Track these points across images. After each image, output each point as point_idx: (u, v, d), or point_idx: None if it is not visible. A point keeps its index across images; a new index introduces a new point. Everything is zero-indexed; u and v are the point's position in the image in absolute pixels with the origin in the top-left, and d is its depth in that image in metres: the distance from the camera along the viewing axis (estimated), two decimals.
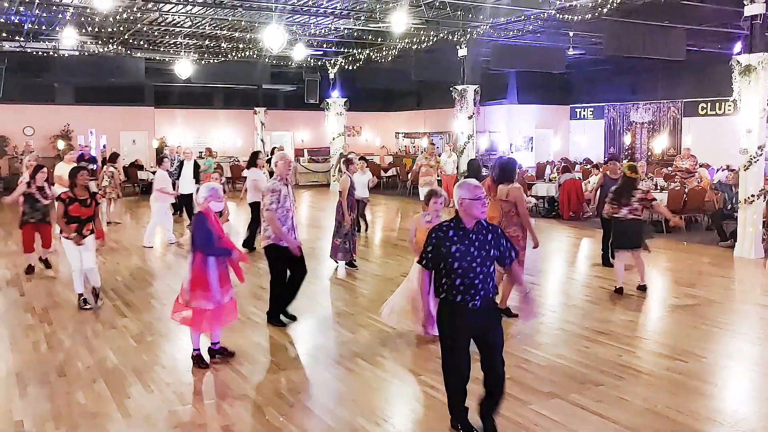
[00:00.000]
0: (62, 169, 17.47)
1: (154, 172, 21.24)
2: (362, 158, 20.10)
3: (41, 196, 13.77)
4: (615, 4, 17.10)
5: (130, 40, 25.68)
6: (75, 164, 17.18)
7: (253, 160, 16.72)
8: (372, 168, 31.04)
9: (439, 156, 26.07)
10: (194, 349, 8.64)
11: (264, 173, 16.67)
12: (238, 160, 33.03)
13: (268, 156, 22.81)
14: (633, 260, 12.44)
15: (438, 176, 24.40)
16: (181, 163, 19.69)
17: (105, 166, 21.68)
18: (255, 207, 15.83)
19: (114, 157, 21.28)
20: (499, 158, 12.41)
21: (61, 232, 11.24)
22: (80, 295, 11.50)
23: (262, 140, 35.90)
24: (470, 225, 6.31)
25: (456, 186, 6.48)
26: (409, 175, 26.46)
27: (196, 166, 20.07)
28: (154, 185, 17.59)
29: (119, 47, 26.42)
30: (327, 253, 14.94)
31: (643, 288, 12.45)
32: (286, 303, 10.64)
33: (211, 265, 8.37)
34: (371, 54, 27.62)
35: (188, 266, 8.47)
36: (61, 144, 31.58)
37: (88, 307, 11.42)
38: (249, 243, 16.43)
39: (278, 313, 10.62)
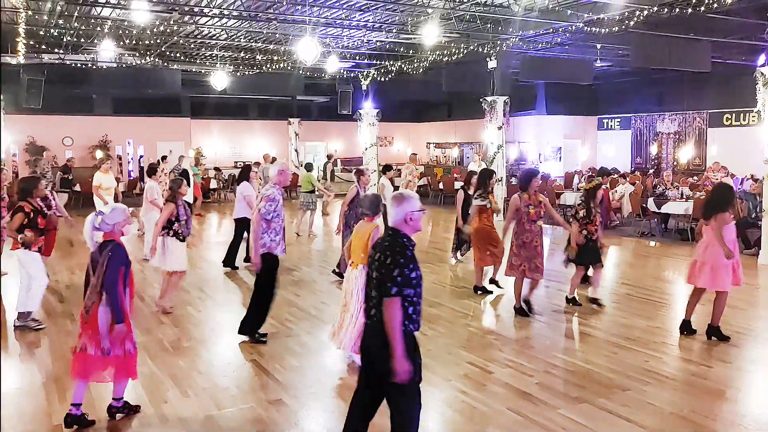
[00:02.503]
0: (100, 179, 17.83)
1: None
2: (388, 167, 19.07)
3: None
4: (642, 17, 17.21)
5: (167, 53, 26.02)
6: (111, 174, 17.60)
7: (246, 174, 16.04)
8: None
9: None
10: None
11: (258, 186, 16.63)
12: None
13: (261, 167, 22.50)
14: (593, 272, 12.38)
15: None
16: (184, 172, 20.01)
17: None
18: (240, 223, 15.42)
19: (152, 170, 21.68)
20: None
21: (24, 244, 10.61)
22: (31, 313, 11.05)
23: (296, 150, 36.18)
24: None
25: (398, 199, 5.70)
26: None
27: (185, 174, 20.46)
28: (147, 196, 16.64)
29: (156, 59, 26.78)
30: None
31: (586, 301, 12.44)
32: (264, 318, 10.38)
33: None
34: (403, 66, 27.78)
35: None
36: (99, 154, 32.02)
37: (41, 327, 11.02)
38: (230, 261, 15.73)
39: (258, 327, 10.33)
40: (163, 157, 24.90)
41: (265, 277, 10.09)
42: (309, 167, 21.38)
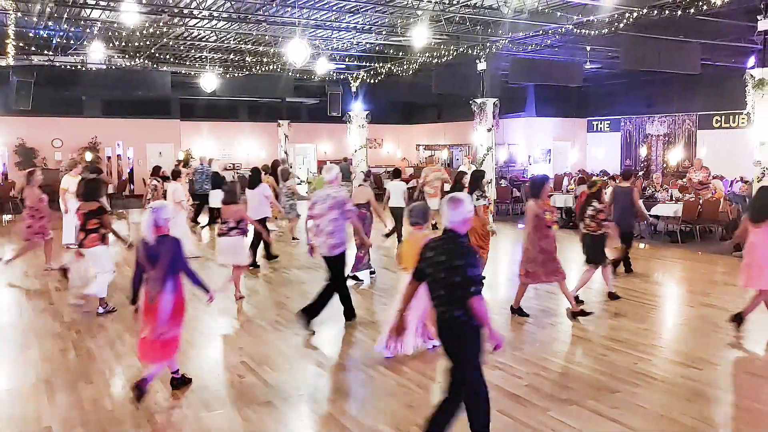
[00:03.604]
0: (68, 182, 17.79)
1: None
2: (396, 170, 19.78)
3: None
4: (631, 19, 17.27)
5: (157, 54, 26.03)
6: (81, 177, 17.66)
7: (259, 177, 16.27)
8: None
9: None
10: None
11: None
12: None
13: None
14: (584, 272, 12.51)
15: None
16: (215, 174, 20.21)
17: (149, 179, 22.13)
18: (259, 223, 15.15)
19: (156, 170, 21.74)
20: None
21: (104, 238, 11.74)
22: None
23: (285, 152, 36.19)
24: None
25: (456, 202, 6.12)
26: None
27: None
28: (173, 198, 16.90)
29: (146, 61, 26.77)
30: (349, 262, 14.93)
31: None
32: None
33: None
34: (392, 68, 27.85)
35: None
36: (89, 156, 31.98)
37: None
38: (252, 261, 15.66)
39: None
40: (186, 163, 25.16)
41: (342, 273, 11.00)
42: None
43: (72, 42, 23.16)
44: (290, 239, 19.80)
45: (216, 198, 19.90)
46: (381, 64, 28.32)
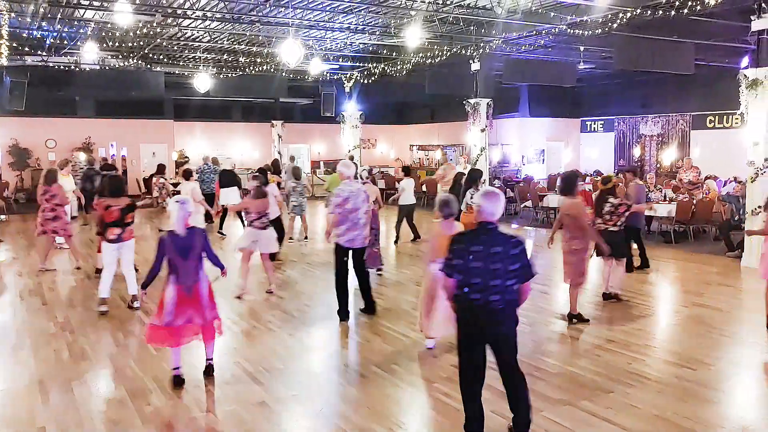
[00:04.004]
0: (61, 181, 17.77)
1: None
2: (405, 168, 20.93)
3: None
4: (625, 20, 17.28)
5: (150, 55, 25.98)
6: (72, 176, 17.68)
7: (266, 177, 15.81)
8: (387, 179, 31.40)
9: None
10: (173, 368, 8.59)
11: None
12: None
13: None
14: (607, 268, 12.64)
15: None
16: (229, 172, 20.70)
17: (155, 178, 22.16)
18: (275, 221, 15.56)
19: (162, 169, 21.73)
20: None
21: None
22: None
23: (279, 152, 36.20)
24: None
25: (497, 196, 6.53)
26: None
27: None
28: (194, 197, 16.91)
29: (139, 61, 26.72)
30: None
31: (607, 297, 12.71)
32: None
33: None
34: (386, 68, 27.83)
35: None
36: (82, 156, 31.93)
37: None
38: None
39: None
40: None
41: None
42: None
43: (65, 42, 23.12)
44: (287, 239, 19.78)
45: (229, 196, 20.10)
46: (374, 65, 28.32)
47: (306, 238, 20.05)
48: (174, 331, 8.20)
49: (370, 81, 30.77)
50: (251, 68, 27.93)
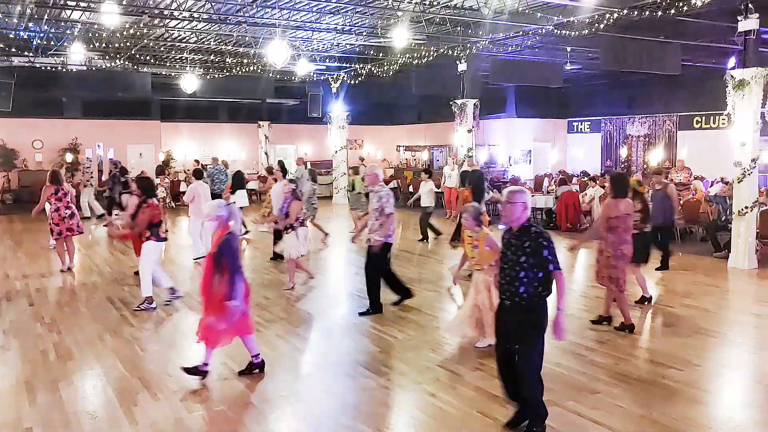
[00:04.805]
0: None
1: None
2: (426, 170, 21.45)
3: None
4: (611, 20, 17.30)
5: (137, 56, 25.93)
6: None
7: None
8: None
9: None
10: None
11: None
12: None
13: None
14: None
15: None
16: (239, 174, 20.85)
17: (159, 179, 22.12)
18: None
19: (161, 170, 21.70)
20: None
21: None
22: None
23: (266, 153, 36.15)
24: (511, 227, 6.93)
25: (524, 193, 6.90)
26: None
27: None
28: (203, 197, 16.94)
29: (126, 62, 26.63)
30: (334, 263, 15.05)
31: (642, 300, 12.64)
32: None
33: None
34: (373, 69, 27.79)
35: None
36: (69, 157, 31.89)
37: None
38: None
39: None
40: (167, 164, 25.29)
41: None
42: (357, 171, 21.94)
43: (52, 43, 23.06)
44: (323, 238, 19.68)
45: (241, 198, 20.16)
46: (361, 65, 28.28)
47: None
48: (248, 318, 8.69)
49: (357, 82, 30.77)
50: (238, 69, 27.89)
